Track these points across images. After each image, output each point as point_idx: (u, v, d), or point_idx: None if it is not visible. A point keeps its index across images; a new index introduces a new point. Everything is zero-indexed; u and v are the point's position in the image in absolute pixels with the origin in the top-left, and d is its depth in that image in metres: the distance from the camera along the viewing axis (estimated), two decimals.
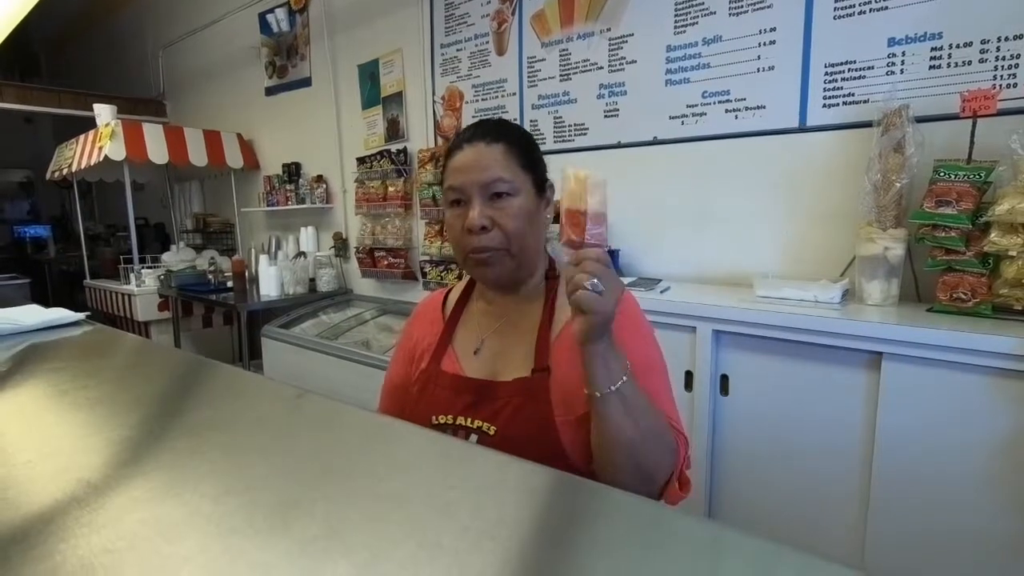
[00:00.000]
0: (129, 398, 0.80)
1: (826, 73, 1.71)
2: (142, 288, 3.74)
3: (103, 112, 3.73)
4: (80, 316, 1.30)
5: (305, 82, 3.54)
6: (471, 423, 0.86)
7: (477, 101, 2.66)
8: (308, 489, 0.51)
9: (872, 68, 1.62)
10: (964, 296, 1.35)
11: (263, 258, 3.30)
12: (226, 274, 3.53)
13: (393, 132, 3.05)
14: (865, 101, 1.64)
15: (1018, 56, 1.42)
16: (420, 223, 2.97)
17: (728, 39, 1.88)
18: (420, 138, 2.94)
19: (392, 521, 0.45)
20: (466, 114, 2.71)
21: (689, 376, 1.59)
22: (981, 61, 1.47)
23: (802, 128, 1.77)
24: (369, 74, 3.12)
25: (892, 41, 1.59)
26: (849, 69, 1.66)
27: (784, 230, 1.84)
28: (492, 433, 0.84)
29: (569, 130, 2.35)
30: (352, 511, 0.47)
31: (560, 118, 2.37)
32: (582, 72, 2.27)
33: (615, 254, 2.15)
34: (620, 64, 2.16)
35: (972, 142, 1.40)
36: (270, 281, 3.21)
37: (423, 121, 2.91)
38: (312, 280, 3.38)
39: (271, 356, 3.05)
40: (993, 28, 1.44)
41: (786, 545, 0.39)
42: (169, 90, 4.91)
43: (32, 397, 0.82)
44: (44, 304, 1.42)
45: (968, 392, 1.21)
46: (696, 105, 1.98)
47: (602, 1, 2.17)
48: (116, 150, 3.48)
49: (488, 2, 2.53)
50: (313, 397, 0.72)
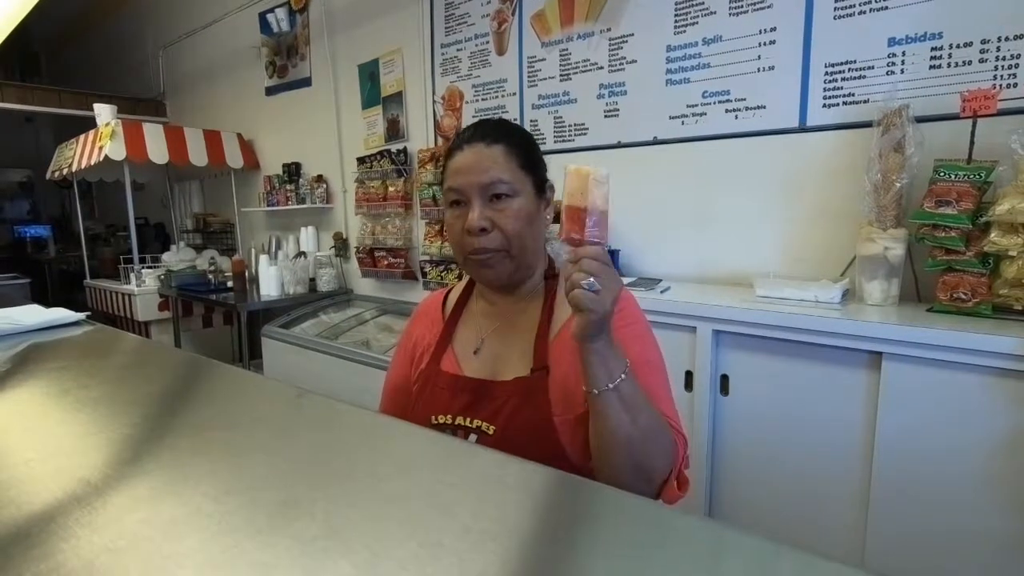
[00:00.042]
0: (130, 398, 0.80)
1: (826, 73, 1.71)
2: (142, 288, 3.75)
3: (103, 112, 3.73)
4: (80, 316, 1.30)
5: (305, 82, 3.55)
6: (470, 423, 0.86)
7: (477, 101, 2.66)
8: (308, 488, 0.51)
9: (872, 68, 1.63)
10: (964, 296, 1.35)
11: (263, 258, 3.30)
12: (226, 274, 3.53)
13: (393, 132, 3.05)
14: (865, 101, 1.64)
15: (1018, 56, 1.42)
16: (420, 223, 2.97)
17: (728, 39, 1.88)
18: (420, 138, 2.94)
19: (393, 520, 0.45)
20: (466, 114, 2.71)
21: (689, 376, 1.59)
22: (981, 61, 1.47)
23: (802, 128, 1.77)
24: (369, 74, 3.12)
25: (892, 41, 1.59)
26: (849, 69, 1.66)
27: (784, 230, 1.84)
28: (491, 433, 0.84)
29: (569, 130, 2.35)
30: (352, 510, 0.47)
31: (560, 118, 2.37)
32: (582, 72, 2.27)
33: (615, 254, 2.15)
34: (620, 64, 2.16)
35: (972, 142, 1.40)
36: (270, 281, 3.22)
37: (423, 121, 2.91)
38: (312, 280, 3.38)
39: (271, 356, 3.06)
40: (993, 28, 1.44)
41: (786, 544, 0.39)
42: (169, 90, 4.92)
43: (33, 397, 0.82)
44: (44, 304, 1.42)
45: (968, 392, 1.21)
46: (696, 105, 1.98)
47: (602, 1, 2.17)
48: (116, 150, 3.48)
49: (488, 2, 2.53)
50: (313, 397, 0.73)
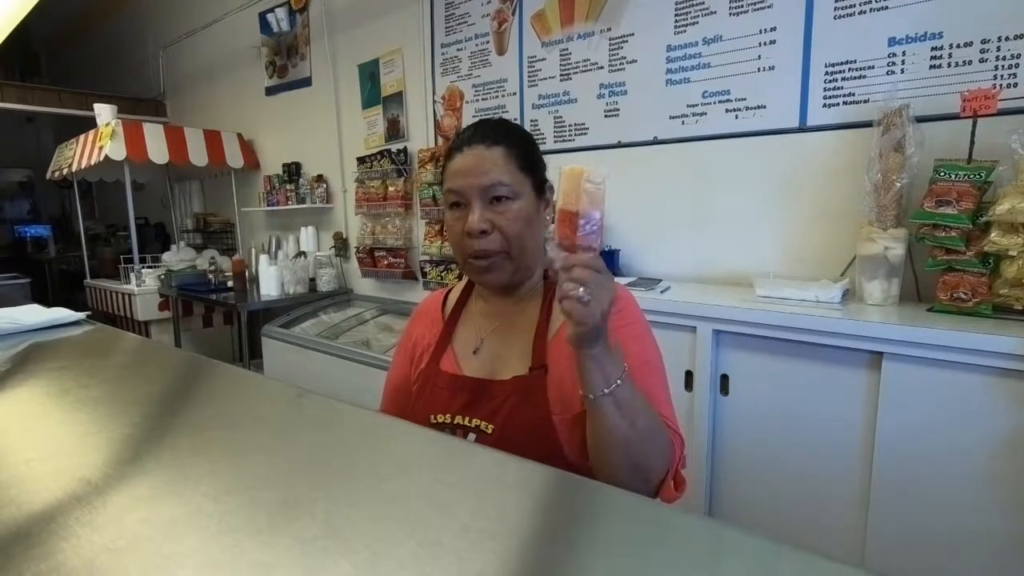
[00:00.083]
0: (130, 397, 0.80)
1: (826, 73, 1.70)
2: (142, 288, 3.74)
3: (103, 112, 3.73)
4: (81, 316, 1.30)
5: (305, 82, 3.55)
6: (469, 422, 0.86)
7: (477, 101, 2.66)
8: (308, 488, 0.51)
9: (872, 68, 1.62)
10: (964, 296, 1.35)
11: (263, 258, 3.30)
12: (226, 274, 3.52)
13: (393, 132, 3.05)
14: (865, 101, 1.64)
15: (1018, 56, 1.42)
16: (420, 223, 2.97)
17: (728, 39, 1.88)
18: (420, 138, 2.94)
19: (392, 520, 0.45)
20: (466, 114, 2.71)
21: (689, 376, 1.59)
22: (981, 61, 1.47)
23: (802, 128, 1.77)
24: (369, 74, 3.12)
25: (892, 41, 1.59)
26: (849, 69, 1.66)
27: (784, 230, 1.84)
28: (490, 432, 0.84)
29: (569, 130, 2.35)
30: (352, 510, 0.47)
31: (560, 118, 2.37)
32: (582, 72, 2.27)
33: (615, 254, 2.15)
34: (620, 64, 2.16)
35: (972, 142, 1.40)
36: (270, 281, 3.21)
37: (423, 121, 2.91)
38: (312, 280, 3.38)
39: (271, 356, 3.06)
40: (993, 28, 1.44)
41: (786, 544, 0.39)
42: (169, 90, 4.92)
43: (33, 396, 0.83)
44: (45, 304, 1.42)
45: (968, 392, 1.21)
46: (696, 105, 1.98)
47: (602, 1, 2.17)
48: (116, 150, 3.48)
49: (488, 2, 2.53)
50: (313, 396, 0.73)
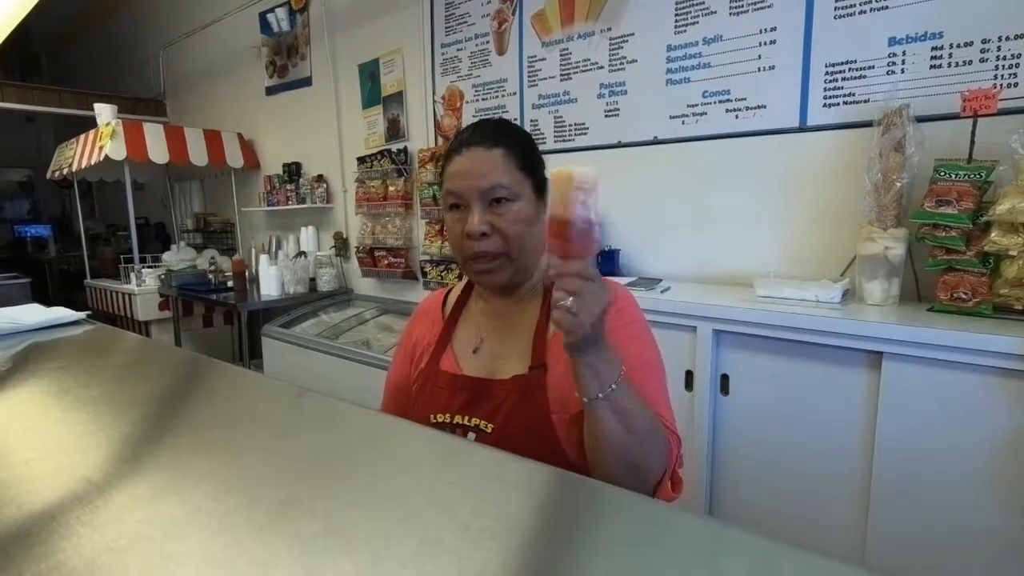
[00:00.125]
0: (130, 396, 0.80)
1: (826, 73, 1.71)
2: (142, 288, 3.74)
3: (104, 112, 3.73)
4: (81, 315, 1.30)
5: (305, 82, 3.55)
6: (469, 421, 0.86)
7: (477, 101, 2.66)
8: (309, 487, 0.51)
9: (872, 68, 1.62)
10: (964, 296, 1.35)
11: (263, 258, 3.30)
12: (226, 274, 3.52)
13: (393, 132, 3.05)
14: (866, 101, 1.64)
15: (1019, 56, 1.42)
16: (420, 223, 2.97)
17: (728, 39, 1.88)
18: (420, 138, 2.94)
19: (393, 518, 0.45)
20: (466, 114, 2.71)
21: (689, 376, 1.59)
22: (982, 61, 1.47)
23: (802, 128, 1.77)
24: (369, 73, 3.12)
25: (892, 41, 1.59)
26: (849, 69, 1.66)
27: (784, 230, 1.84)
28: (490, 431, 0.84)
29: (569, 130, 2.35)
30: (353, 509, 0.47)
31: (560, 118, 2.37)
32: (582, 72, 2.27)
33: (615, 254, 2.15)
34: (620, 64, 2.16)
35: (972, 141, 1.40)
36: (270, 281, 3.21)
37: (423, 121, 2.91)
38: (312, 280, 3.38)
39: (271, 356, 3.06)
40: (994, 28, 1.44)
41: (786, 543, 0.39)
42: (169, 90, 4.92)
43: (34, 396, 0.83)
44: (45, 304, 1.42)
45: (968, 392, 1.21)
46: (696, 105, 1.98)
47: (602, 1, 2.17)
48: (116, 150, 3.48)
49: (488, 2, 2.53)
50: (313, 395, 0.73)
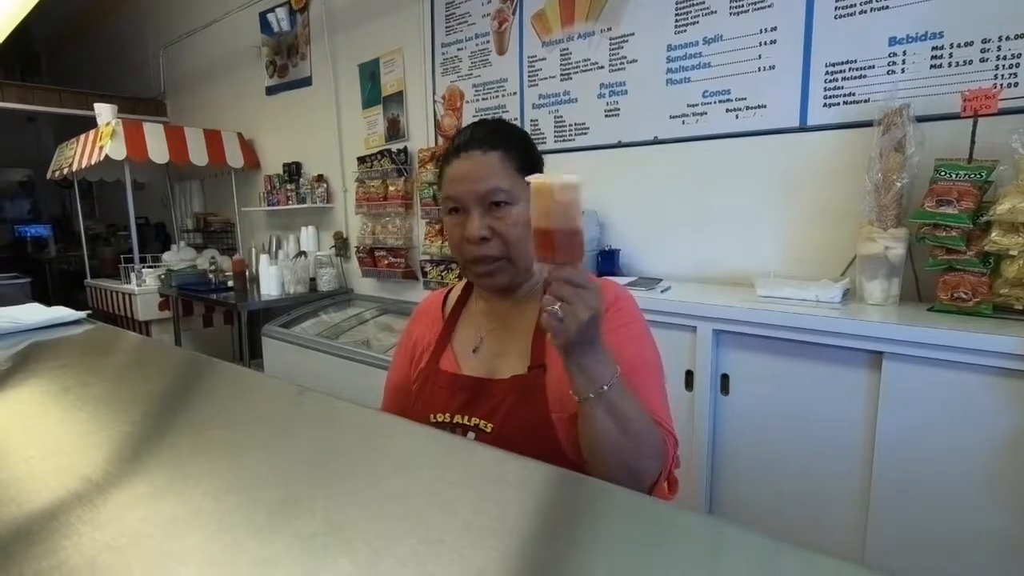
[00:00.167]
0: (130, 396, 0.80)
1: (827, 72, 1.70)
2: (143, 287, 3.74)
3: (104, 111, 3.73)
4: (81, 315, 1.30)
5: (306, 81, 3.55)
6: (468, 421, 0.86)
7: (478, 100, 2.66)
8: (309, 486, 0.51)
9: (873, 67, 1.62)
10: (965, 295, 1.35)
11: (264, 257, 3.30)
12: (227, 273, 3.52)
13: (393, 131, 3.05)
14: (866, 100, 1.64)
15: (1019, 55, 1.42)
16: (420, 222, 2.97)
17: (729, 38, 1.88)
18: (421, 137, 2.94)
19: (393, 518, 0.45)
20: (467, 113, 2.71)
21: (690, 376, 1.59)
22: (982, 60, 1.47)
23: (803, 127, 1.77)
24: (370, 73, 3.12)
25: (893, 40, 1.59)
26: (850, 68, 1.66)
27: (785, 229, 1.84)
28: (489, 431, 0.84)
29: (570, 130, 2.35)
30: (353, 508, 0.47)
31: (561, 118, 2.37)
32: (583, 71, 2.27)
33: (615, 254, 2.15)
34: (621, 63, 2.16)
35: (973, 141, 1.40)
36: (270, 280, 3.21)
37: (424, 120, 2.91)
38: (312, 279, 3.38)
39: (271, 355, 3.06)
40: (994, 27, 1.44)
41: (786, 541, 0.39)
42: (170, 89, 4.92)
43: (34, 395, 0.83)
44: (45, 303, 1.42)
45: (969, 392, 1.21)
46: (697, 104, 1.98)
47: (603, 1, 2.17)
48: (117, 149, 3.48)
49: (489, 1, 2.53)
50: (314, 395, 0.73)
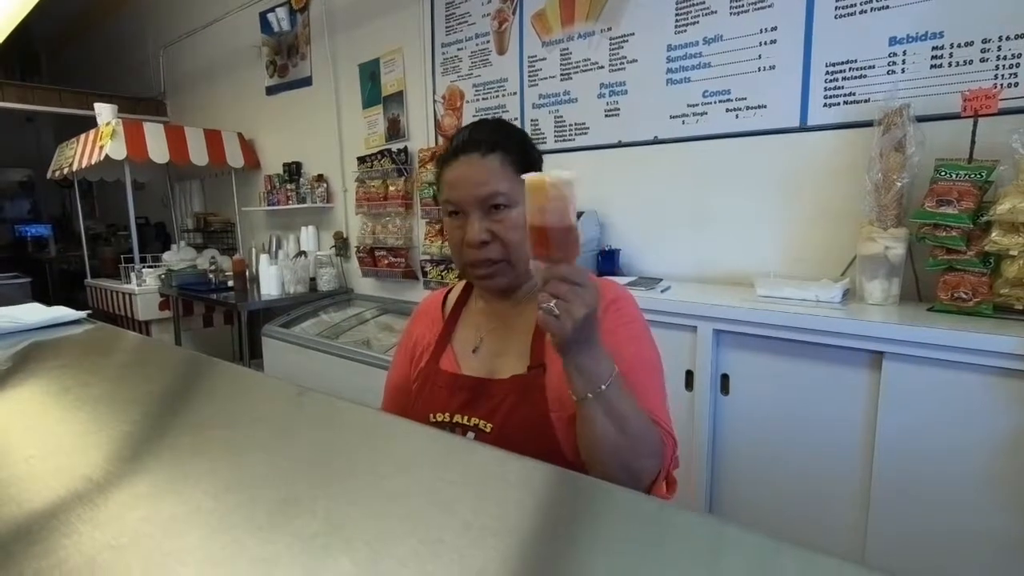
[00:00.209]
0: (130, 396, 0.80)
1: (827, 72, 1.70)
2: (143, 287, 3.74)
3: (104, 111, 3.73)
4: (81, 314, 1.30)
5: (306, 81, 3.55)
6: (468, 421, 0.86)
7: (478, 100, 2.66)
8: (309, 486, 0.51)
9: (873, 67, 1.62)
10: (965, 295, 1.35)
11: (264, 257, 3.30)
12: (227, 273, 3.52)
13: (394, 131, 3.05)
14: (866, 100, 1.64)
15: (1019, 55, 1.42)
16: (421, 222, 2.97)
17: (729, 38, 1.88)
18: (421, 137, 2.94)
19: (393, 517, 0.45)
20: (467, 113, 2.71)
21: (690, 375, 1.59)
22: (982, 60, 1.47)
23: (803, 127, 1.77)
24: (370, 73, 3.12)
25: (893, 40, 1.59)
26: (850, 68, 1.66)
27: (785, 229, 1.84)
28: (488, 431, 0.84)
29: (570, 129, 2.35)
30: (353, 508, 0.47)
31: (561, 117, 2.37)
32: (583, 71, 2.27)
33: (615, 253, 2.15)
34: (621, 63, 2.16)
35: (973, 141, 1.40)
36: (271, 280, 3.22)
37: (424, 120, 2.91)
38: (313, 279, 3.38)
39: (272, 355, 3.06)
40: (994, 27, 1.44)
41: (786, 541, 0.39)
42: (170, 89, 4.92)
43: (34, 394, 0.83)
44: (45, 303, 1.42)
45: (969, 392, 1.21)
46: (697, 104, 1.98)
47: (603, 1, 2.17)
48: (117, 149, 3.48)
49: (489, 1, 2.53)
50: (314, 395, 0.73)
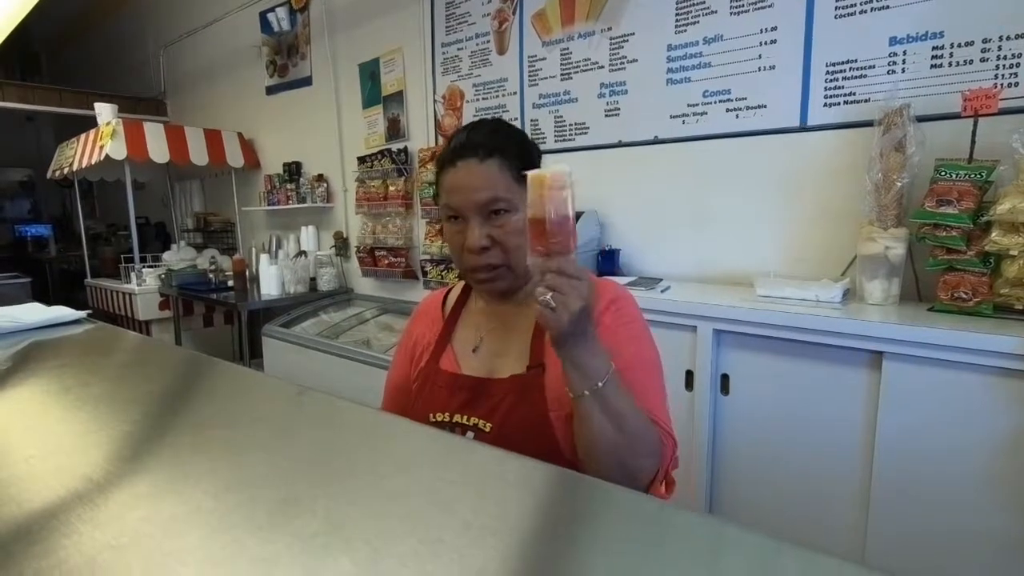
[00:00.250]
0: (130, 395, 0.80)
1: (827, 72, 1.70)
2: (143, 287, 3.75)
3: (104, 111, 3.73)
4: (81, 314, 1.30)
5: (306, 81, 3.55)
6: (467, 420, 0.86)
7: (478, 100, 2.66)
8: (309, 486, 0.51)
9: (873, 67, 1.62)
10: (965, 295, 1.35)
11: (264, 257, 3.30)
12: (227, 273, 3.52)
13: (394, 131, 3.05)
14: (866, 100, 1.64)
15: (1019, 55, 1.42)
16: (421, 222, 2.97)
17: (729, 38, 1.88)
18: (421, 137, 2.94)
19: (393, 517, 0.45)
20: (467, 113, 2.71)
21: (690, 375, 1.59)
22: (982, 60, 1.46)
23: (803, 127, 1.77)
24: (370, 73, 3.12)
25: (893, 40, 1.59)
26: (850, 68, 1.66)
27: (785, 229, 1.84)
28: (488, 430, 0.84)
29: (570, 129, 2.35)
30: (353, 507, 0.47)
31: (561, 117, 2.37)
32: (583, 71, 2.27)
33: (615, 253, 2.15)
34: (621, 63, 2.16)
35: (973, 141, 1.40)
36: (271, 280, 3.22)
37: (424, 120, 2.91)
38: (313, 279, 3.38)
39: (272, 355, 3.06)
40: (994, 27, 1.44)
41: (786, 541, 0.39)
42: (170, 89, 4.92)
43: (34, 394, 0.83)
44: (45, 303, 1.42)
45: (969, 392, 1.21)
46: (697, 104, 1.98)
47: (603, 0, 2.17)
48: (117, 149, 3.48)
49: (489, 1, 2.53)
50: (314, 394, 0.73)
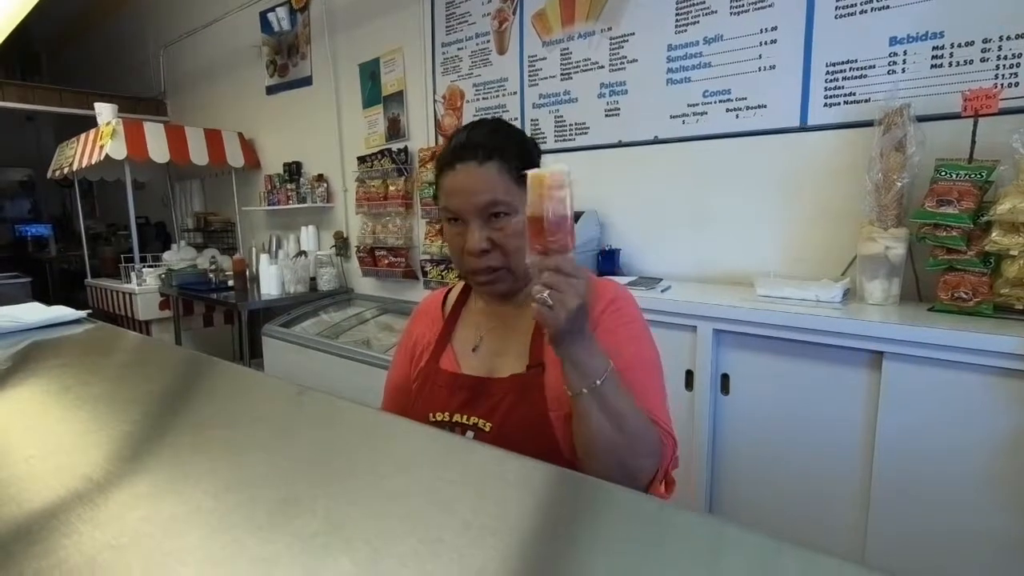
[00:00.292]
0: (130, 395, 0.80)
1: (827, 72, 1.70)
2: (143, 287, 3.75)
3: (104, 111, 3.73)
4: (81, 314, 1.30)
5: (306, 81, 3.55)
6: (467, 420, 0.86)
7: (478, 100, 2.66)
8: (309, 485, 0.51)
9: (873, 67, 1.62)
10: (965, 295, 1.35)
11: (264, 257, 3.30)
12: (227, 273, 3.52)
13: (394, 131, 3.05)
14: (866, 100, 1.64)
15: (1020, 55, 1.42)
16: (421, 222, 2.97)
17: (729, 38, 1.88)
18: (421, 137, 2.94)
19: (393, 517, 0.45)
20: (467, 113, 2.71)
21: (690, 375, 1.59)
22: (983, 60, 1.46)
23: (803, 127, 1.77)
24: (370, 73, 3.12)
25: (893, 40, 1.59)
26: (850, 68, 1.66)
27: (785, 229, 1.84)
28: (488, 430, 0.84)
29: (570, 129, 2.35)
30: (353, 507, 0.47)
31: (561, 117, 2.37)
32: (583, 71, 2.27)
33: (615, 253, 2.15)
34: (621, 63, 2.15)
35: (973, 141, 1.40)
36: (271, 280, 3.22)
37: (424, 120, 2.91)
38: (313, 279, 3.38)
39: (272, 355, 3.06)
40: (995, 27, 1.44)
41: (787, 541, 0.39)
42: (170, 89, 4.92)
43: (34, 394, 0.83)
44: (45, 303, 1.42)
45: (969, 392, 1.21)
46: (697, 104, 1.98)
47: (603, 0, 2.17)
48: (117, 149, 3.48)
49: (489, 1, 2.53)
50: (314, 394, 0.73)
